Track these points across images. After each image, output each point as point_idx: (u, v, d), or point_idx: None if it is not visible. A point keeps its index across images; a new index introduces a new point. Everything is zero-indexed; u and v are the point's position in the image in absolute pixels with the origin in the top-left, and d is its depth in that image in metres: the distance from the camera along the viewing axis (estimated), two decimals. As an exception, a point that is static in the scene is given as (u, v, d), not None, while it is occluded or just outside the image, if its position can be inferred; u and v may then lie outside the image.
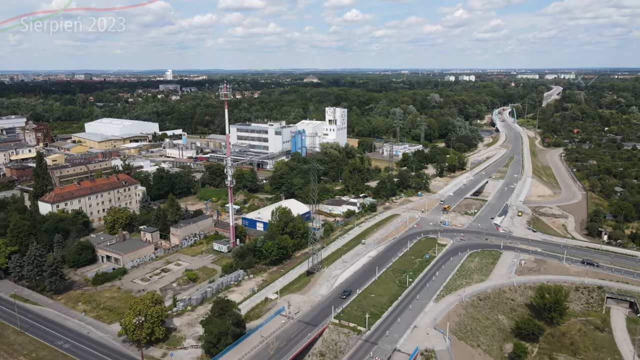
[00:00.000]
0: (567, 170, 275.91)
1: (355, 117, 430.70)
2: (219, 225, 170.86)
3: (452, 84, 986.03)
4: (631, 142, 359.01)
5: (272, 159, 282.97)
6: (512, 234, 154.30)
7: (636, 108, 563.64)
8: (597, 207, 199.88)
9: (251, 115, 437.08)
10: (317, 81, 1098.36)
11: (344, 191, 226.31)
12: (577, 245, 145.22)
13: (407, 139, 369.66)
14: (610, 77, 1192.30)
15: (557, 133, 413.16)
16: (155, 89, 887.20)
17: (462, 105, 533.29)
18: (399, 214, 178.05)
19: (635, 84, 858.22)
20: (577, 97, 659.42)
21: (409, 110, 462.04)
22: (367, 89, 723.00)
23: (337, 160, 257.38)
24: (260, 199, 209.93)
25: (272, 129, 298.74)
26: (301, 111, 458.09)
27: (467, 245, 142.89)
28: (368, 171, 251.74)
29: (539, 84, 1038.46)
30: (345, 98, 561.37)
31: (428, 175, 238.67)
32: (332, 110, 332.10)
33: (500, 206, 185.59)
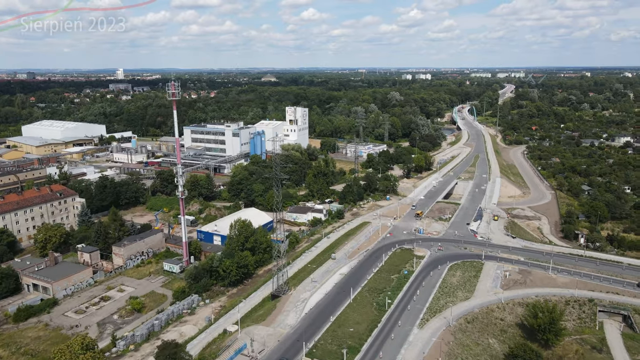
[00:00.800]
0: (533, 169, 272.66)
1: (316, 117, 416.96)
2: (170, 241, 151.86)
3: (410, 82, 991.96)
4: (588, 139, 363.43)
5: (230, 162, 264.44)
6: (491, 241, 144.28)
7: (587, 105, 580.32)
8: (569, 208, 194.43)
9: (207, 115, 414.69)
10: (276, 80, 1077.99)
11: (309, 196, 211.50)
12: (560, 252, 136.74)
13: (371, 138, 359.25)
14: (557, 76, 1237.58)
15: (516, 130, 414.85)
16: (105, 89, 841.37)
17: (422, 104, 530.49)
18: (369, 221, 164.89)
19: (582, 82, 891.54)
20: (531, 95, 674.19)
21: (371, 109, 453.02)
22: (327, 88, 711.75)
23: (300, 162, 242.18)
24: (217, 208, 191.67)
25: (229, 131, 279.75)
26: (260, 111, 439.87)
27: (446, 257, 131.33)
28: (333, 174, 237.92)
29: (492, 82, 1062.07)
30: (305, 97, 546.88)
31: (396, 178, 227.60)
32: (293, 109, 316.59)
33: (474, 210, 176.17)
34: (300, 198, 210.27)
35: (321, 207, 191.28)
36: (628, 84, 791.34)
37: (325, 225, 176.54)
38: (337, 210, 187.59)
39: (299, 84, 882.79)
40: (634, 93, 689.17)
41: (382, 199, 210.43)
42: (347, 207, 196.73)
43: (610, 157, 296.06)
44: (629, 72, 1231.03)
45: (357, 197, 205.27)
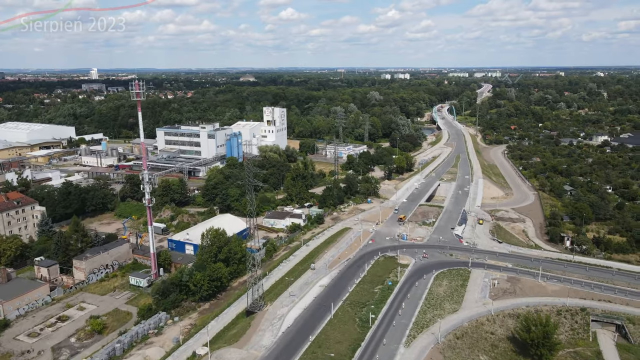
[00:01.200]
0: (514, 169, 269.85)
1: (295, 117, 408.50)
2: (138, 252, 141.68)
3: (389, 82, 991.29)
4: (567, 138, 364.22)
5: (205, 165, 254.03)
6: (477, 246, 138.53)
7: (564, 104, 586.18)
8: (553, 209, 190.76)
9: (182, 116, 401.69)
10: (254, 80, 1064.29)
11: (287, 200, 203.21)
12: (547, 258, 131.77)
13: (351, 139, 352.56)
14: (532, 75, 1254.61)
15: (496, 130, 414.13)
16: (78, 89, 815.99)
17: (402, 103, 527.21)
18: (350, 227, 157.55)
19: (557, 82, 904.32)
20: (509, 94, 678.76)
21: (350, 109, 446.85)
22: (306, 88, 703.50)
23: (278, 165, 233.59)
24: (190, 214, 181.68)
25: (204, 132, 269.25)
26: (237, 111, 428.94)
27: (431, 265, 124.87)
28: (312, 177, 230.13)
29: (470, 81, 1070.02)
30: (283, 97, 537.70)
31: (377, 180, 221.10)
32: (271, 110, 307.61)
33: (458, 213, 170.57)
34: (278, 202, 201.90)
35: (300, 212, 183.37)
36: (601, 83, 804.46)
37: (305, 231, 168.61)
38: (316, 215, 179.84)
39: (277, 83, 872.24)
40: (607, 92, 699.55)
41: (364, 202, 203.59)
42: (327, 211, 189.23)
43: (590, 156, 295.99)
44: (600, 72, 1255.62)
45: (337, 201, 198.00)
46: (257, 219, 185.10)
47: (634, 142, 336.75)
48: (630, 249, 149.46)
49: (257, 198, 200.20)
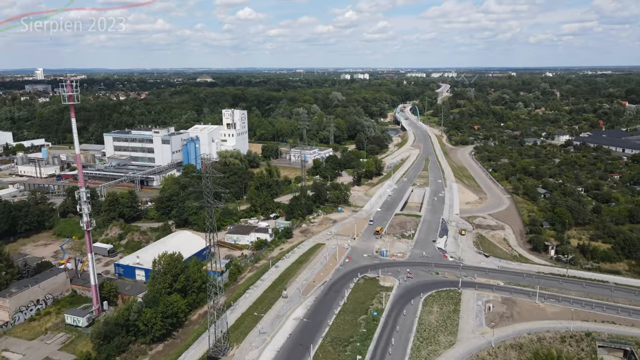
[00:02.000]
0: (484, 171, 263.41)
1: (256, 119, 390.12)
2: (78, 281, 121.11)
3: (349, 82, 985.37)
4: (531, 138, 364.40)
5: (160, 173, 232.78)
6: (464, 262, 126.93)
7: (522, 104, 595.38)
8: (531, 214, 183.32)
9: (135, 119, 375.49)
10: (212, 80, 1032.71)
11: (251, 212, 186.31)
12: (540, 273, 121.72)
13: (315, 142, 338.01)
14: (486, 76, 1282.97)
15: (460, 130, 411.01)
16: (20, 90, 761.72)
17: (364, 104, 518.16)
18: (323, 242, 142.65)
19: (511, 82, 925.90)
20: (468, 95, 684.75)
21: (313, 110, 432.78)
22: (266, 88, 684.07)
23: (240, 172, 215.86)
24: (142, 231, 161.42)
25: (158, 137, 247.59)
26: (194, 114, 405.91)
27: (417, 286, 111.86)
28: (277, 184, 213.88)
29: (428, 81, 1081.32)
30: (243, 98, 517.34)
31: (347, 186, 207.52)
32: (230, 112, 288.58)
33: (437, 222, 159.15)
34: (241, 214, 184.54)
35: (266, 225, 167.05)
36: (552, 83, 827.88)
37: (272, 247, 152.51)
38: (284, 228, 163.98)
39: (236, 84, 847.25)
40: (559, 92, 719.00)
41: (334, 211, 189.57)
42: (295, 223, 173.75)
43: (556, 157, 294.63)
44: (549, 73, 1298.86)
45: (306, 211, 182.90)
46: (218, 234, 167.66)
47: (595, 141, 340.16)
48: (616, 257, 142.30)
49: (218, 211, 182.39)
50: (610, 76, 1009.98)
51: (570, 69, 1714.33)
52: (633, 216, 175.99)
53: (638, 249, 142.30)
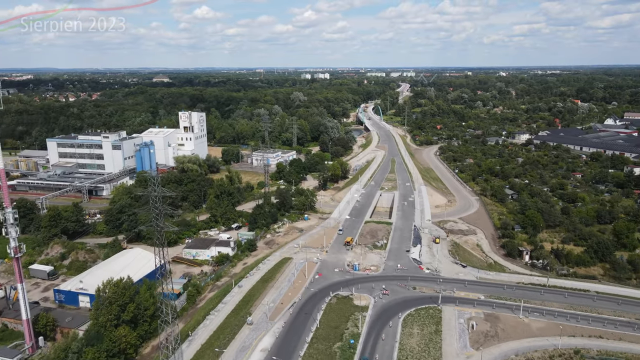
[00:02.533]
0: (450, 172, 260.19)
1: (216, 121, 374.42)
2: (9, 314, 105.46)
3: (310, 82, 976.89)
4: (493, 137, 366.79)
5: (111, 182, 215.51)
6: (441, 274, 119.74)
7: (481, 103, 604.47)
8: (501, 217, 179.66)
9: (84, 122, 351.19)
10: (169, 81, 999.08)
11: (211, 222, 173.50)
12: (520, 283, 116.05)
13: (278, 144, 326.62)
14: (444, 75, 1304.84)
15: (423, 130, 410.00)
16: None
17: (327, 104, 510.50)
18: (290, 257, 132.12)
19: (468, 81, 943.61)
20: (429, 94, 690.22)
21: (275, 111, 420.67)
22: (226, 89, 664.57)
23: (198, 180, 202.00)
24: (88, 249, 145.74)
25: (107, 142, 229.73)
26: (149, 116, 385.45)
27: (394, 304, 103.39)
28: (239, 191, 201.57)
29: (388, 81, 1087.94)
30: (201, 99, 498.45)
31: (313, 192, 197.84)
32: (187, 114, 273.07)
33: (409, 230, 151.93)
34: (200, 225, 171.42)
35: (228, 237, 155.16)
36: (507, 83, 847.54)
37: (235, 262, 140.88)
38: (247, 240, 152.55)
39: (194, 84, 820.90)
40: (515, 91, 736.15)
41: (300, 218, 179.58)
42: (259, 233, 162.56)
43: (519, 156, 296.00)
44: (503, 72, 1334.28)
45: (270, 220, 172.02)
46: (175, 248, 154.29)
47: (553, 140, 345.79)
48: (590, 260, 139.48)
49: (175, 222, 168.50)
50: (559, 75, 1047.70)
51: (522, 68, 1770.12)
52: (600, 217, 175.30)
53: (611, 252, 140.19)
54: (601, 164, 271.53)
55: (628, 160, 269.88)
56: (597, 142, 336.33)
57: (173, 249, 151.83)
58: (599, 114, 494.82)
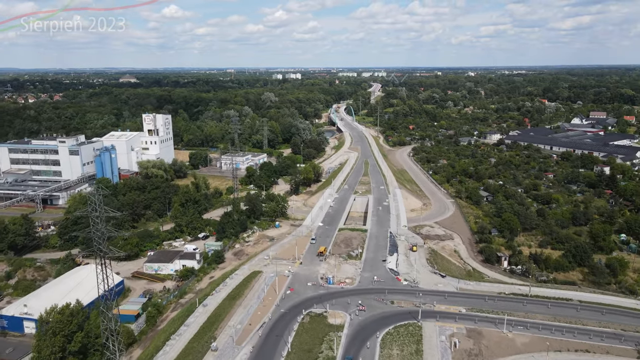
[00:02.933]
0: (425, 174, 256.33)
1: (184, 123, 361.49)
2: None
3: (282, 82, 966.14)
4: (465, 138, 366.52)
5: (67, 190, 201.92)
6: (419, 285, 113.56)
7: (452, 103, 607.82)
8: (478, 221, 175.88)
9: (41, 126, 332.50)
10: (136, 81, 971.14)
11: (176, 232, 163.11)
12: (501, 293, 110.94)
13: (248, 147, 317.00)
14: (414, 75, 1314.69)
15: (396, 130, 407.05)
16: None
17: (298, 105, 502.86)
18: (260, 270, 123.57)
19: (438, 81, 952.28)
20: (400, 94, 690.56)
21: (245, 112, 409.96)
22: (195, 89, 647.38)
23: (163, 186, 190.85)
24: (38, 265, 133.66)
25: (64, 147, 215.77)
26: (113, 118, 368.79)
27: (372, 322, 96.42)
28: (206, 198, 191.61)
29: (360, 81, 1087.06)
30: (169, 100, 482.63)
31: (284, 197, 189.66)
32: (152, 117, 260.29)
33: (385, 237, 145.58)
34: (164, 236, 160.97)
35: (193, 249, 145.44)
36: (476, 82, 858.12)
37: (200, 276, 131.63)
38: (214, 251, 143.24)
39: (162, 85, 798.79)
40: (484, 91, 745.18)
41: (271, 226, 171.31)
42: (227, 243, 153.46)
43: (491, 156, 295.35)
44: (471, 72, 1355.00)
45: (239, 228, 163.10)
46: (136, 261, 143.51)
47: (524, 140, 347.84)
48: (569, 265, 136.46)
49: (137, 232, 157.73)
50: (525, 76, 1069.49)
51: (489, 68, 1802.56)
52: (575, 218, 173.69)
53: (589, 256, 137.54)
54: (572, 163, 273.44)
55: (597, 160, 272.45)
56: (566, 141, 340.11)
57: (133, 263, 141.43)
58: (566, 113, 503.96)
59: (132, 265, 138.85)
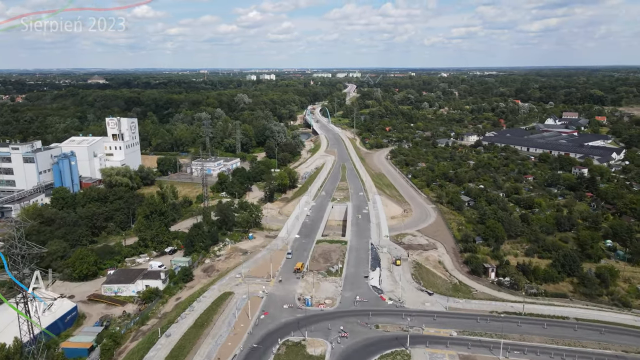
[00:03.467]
0: (404, 178, 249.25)
1: (152, 126, 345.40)
2: None
3: (255, 83, 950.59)
4: (442, 139, 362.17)
5: (21, 200, 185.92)
6: (405, 305, 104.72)
7: (427, 104, 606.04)
8: (461, 228, 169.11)
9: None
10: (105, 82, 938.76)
11: (140, 247, 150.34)
12: (493, 313, 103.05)
13: (220, 151, 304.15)
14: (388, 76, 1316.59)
15: (372, 132, 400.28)
16: None
17: (272, 106, 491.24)
18: (231, 291, 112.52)
19: (412, 82, 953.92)
20: (375, 95, 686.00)
21: (217, 115, 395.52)
22: (166, 91, 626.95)
23: (126, 197, 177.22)
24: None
25: (17, 154, 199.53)
26: (77, 121, 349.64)
27: (355, 350, 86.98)
28: (174, 208, 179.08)
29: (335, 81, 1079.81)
30: (138, 102, 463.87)
31: (258, 206, 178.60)
32: (116, 121, 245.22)
33: (366, 249, 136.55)
34: (127, 252, 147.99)
35: (159, 266, 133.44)
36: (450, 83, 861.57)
37: (166, 297, 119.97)
38: (181, 268, 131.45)
39: (132, 86, 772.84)
40: (458, 92, 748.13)
41: (244, 238, 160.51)
42: (196, 259, 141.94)
43: (470, 159, 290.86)
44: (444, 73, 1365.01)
45: (209, 241, 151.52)
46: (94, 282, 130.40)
47: (501, 141, 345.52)
48: (558, 276, 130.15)
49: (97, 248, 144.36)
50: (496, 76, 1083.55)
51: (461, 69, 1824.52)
52: (560, 224, 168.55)
53: (578, 265, 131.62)
54: (550, 165, 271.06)
55: (575, 162, 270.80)
56: (543, 142, 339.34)
57: (91, 284, 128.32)
58: (539, 113, 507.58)
59: (88, 286, 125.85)
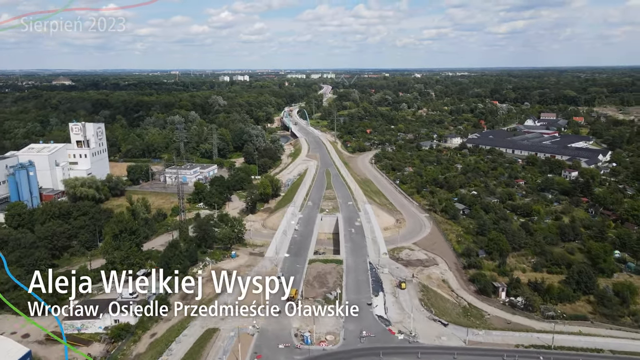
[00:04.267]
0: (391, 184, 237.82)
1: (122, 131, 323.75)
2: None
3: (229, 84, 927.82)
4: (426, 142, 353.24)
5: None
6: (418, 340, 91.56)
7: (405, 105, 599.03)
8: (460, 239, 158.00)
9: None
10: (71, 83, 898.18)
11: (108, 269, 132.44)
12: (519, 346, 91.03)
13: (196, 157, 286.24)
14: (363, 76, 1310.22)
15: (353, 135, 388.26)
16: None
17: (248, 108, 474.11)
18: (217, 327, 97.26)
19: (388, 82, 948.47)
20: (353, 96, 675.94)
21: (192, 118, 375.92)
22: (137, 92, 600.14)
23: (92, 212, 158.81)
24: None
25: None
26: (38, 126, 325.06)
27: (370, 405, 73.34)
28: (147, 224, 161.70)
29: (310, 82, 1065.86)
30: (106, 104, 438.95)
31: (241, 220, 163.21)
32: (80, 126, 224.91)
33: (364, 270, 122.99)
34: (94, 276, 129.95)
35: (130, 295, 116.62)
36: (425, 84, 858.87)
37: (139, 334, 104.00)
38: (157, 297, 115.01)
39: (100, 87, 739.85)
40: (434, 92, 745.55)
41: (226, 256, 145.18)
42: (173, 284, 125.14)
43: (457, 162, 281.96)
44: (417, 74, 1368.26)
45: (187, 262, 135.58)
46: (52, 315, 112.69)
47: (485, 143, 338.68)
48: (574, 295, 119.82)
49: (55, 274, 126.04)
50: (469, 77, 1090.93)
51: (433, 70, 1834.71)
52: (564, 234, 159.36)
53: (594, 282, 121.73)
54: (539, 168, 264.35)
55: (564, 164, 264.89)
56: (527, 144, 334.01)
57: (49, 319, 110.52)
58: (517, 114, 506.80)
59: (46, 321, 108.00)
